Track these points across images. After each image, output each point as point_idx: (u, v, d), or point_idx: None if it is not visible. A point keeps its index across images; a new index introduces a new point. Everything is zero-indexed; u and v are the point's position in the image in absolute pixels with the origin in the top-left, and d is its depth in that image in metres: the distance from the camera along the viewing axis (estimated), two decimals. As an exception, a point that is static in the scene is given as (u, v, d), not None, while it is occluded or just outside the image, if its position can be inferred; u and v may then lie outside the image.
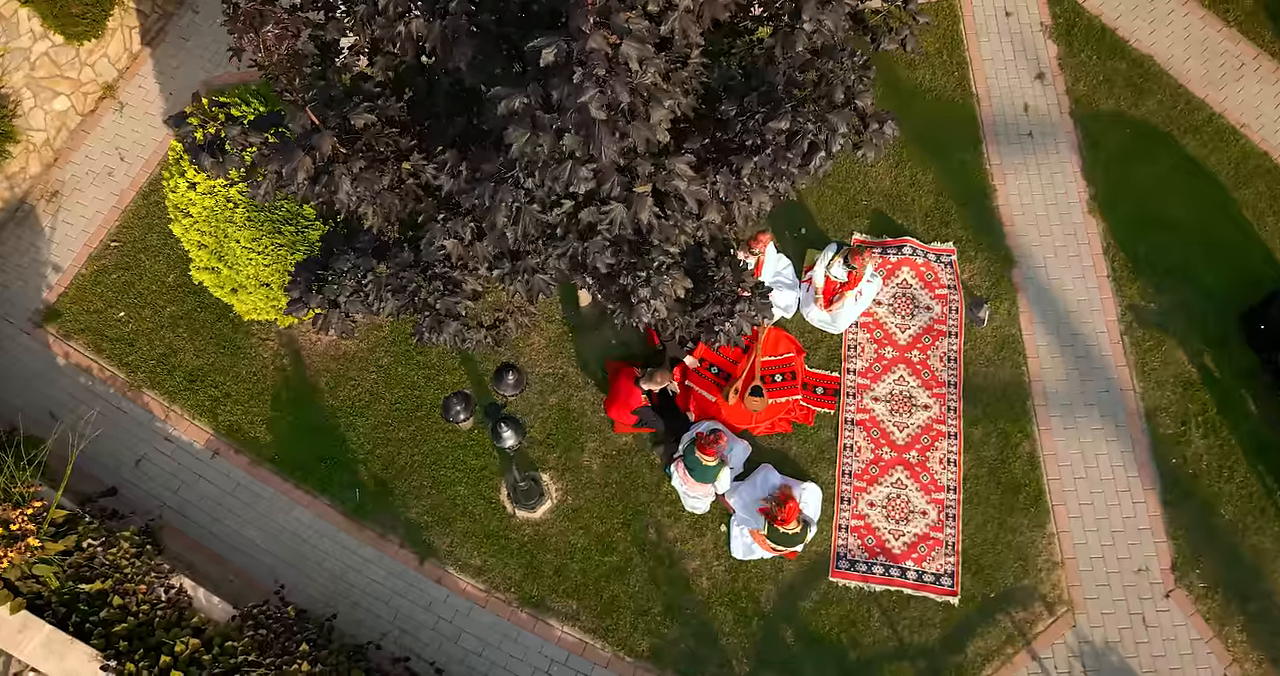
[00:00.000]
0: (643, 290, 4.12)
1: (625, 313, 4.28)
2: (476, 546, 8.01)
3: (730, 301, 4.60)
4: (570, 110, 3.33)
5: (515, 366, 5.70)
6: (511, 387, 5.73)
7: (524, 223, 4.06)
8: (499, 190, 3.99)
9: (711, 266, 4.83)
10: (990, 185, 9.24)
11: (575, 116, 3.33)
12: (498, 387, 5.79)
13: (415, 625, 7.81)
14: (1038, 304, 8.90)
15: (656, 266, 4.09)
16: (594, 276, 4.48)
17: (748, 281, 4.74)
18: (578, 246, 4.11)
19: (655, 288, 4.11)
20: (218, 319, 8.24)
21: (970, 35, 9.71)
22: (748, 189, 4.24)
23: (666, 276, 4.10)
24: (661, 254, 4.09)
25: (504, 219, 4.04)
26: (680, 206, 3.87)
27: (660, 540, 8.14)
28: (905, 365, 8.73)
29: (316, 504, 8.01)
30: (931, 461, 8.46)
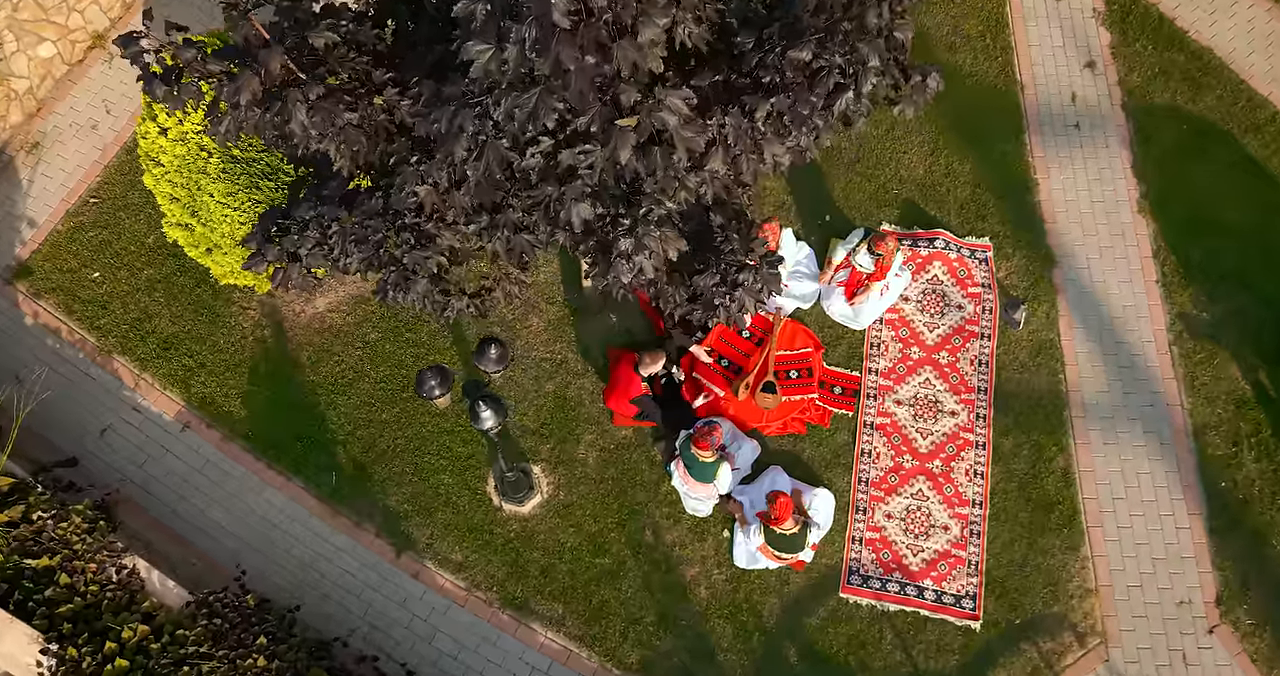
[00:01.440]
0: (624, 242, 3.51)
1: (602, 269, 3.69)
2: (458, 540, 7.43)
3: (733, 271, 3.99)
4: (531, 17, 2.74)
5: (498, 339, 5.14)
6: (494, 363, 5.16)
7: (488, 159, 3.48)
8: (458, 115, 3.42)
9: (717, 233, 4.23)
10: (1032, 178, 8.57)
11: (536, 25, 2.75)
12: (479, 362, 5.22)
13: (387, 622, 7.23)
14: (1079, 308, 8.21)
15: (644, 214, 3.49)
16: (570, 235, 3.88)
17: (758, 250, 4.13)
18: (553, 192, 3.52)
19: (639, 240, 3.50)
20: (197, 284, 7.74)
21: (1016, 19, 9.06)
22: (760, 137, 3.63)
23: (655, 230, 3.49)
24: (652, 203, 3.49)
25: (463, 151, 3.47)
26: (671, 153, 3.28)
27: (657, 543, 7.52)
28: (932, 367, 8.07)
29: (289, 486, 7.47)
30: (956, 472, 7.78)
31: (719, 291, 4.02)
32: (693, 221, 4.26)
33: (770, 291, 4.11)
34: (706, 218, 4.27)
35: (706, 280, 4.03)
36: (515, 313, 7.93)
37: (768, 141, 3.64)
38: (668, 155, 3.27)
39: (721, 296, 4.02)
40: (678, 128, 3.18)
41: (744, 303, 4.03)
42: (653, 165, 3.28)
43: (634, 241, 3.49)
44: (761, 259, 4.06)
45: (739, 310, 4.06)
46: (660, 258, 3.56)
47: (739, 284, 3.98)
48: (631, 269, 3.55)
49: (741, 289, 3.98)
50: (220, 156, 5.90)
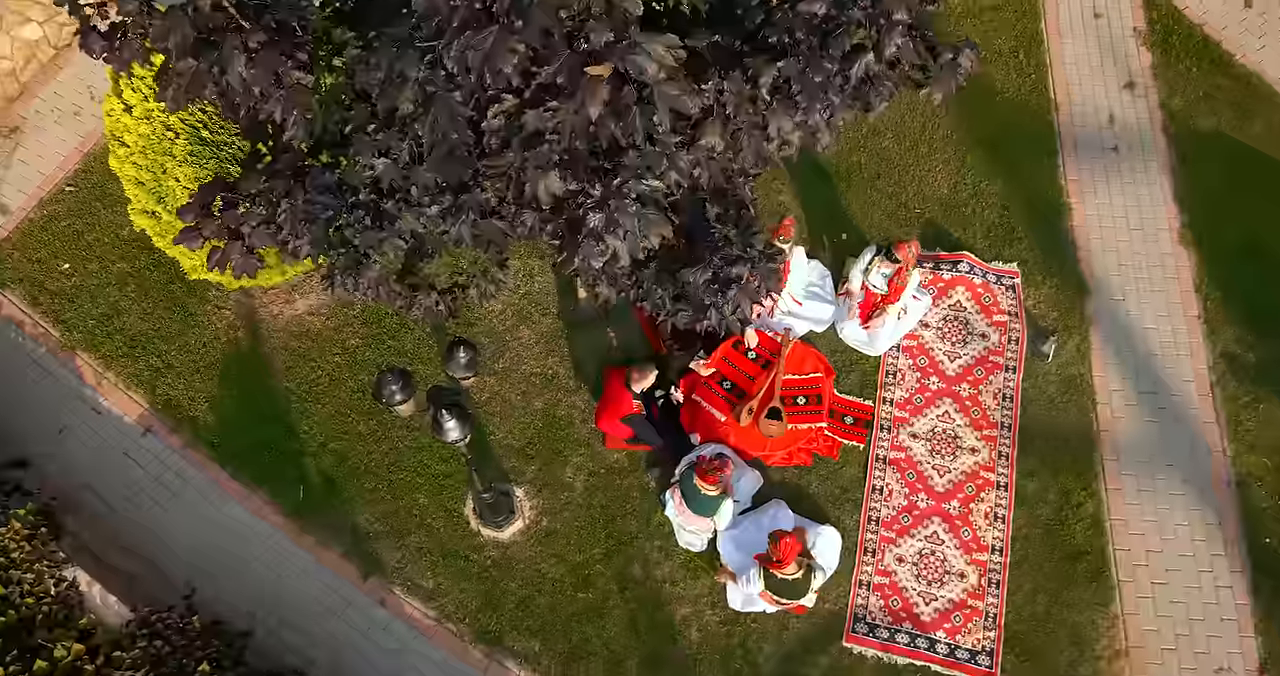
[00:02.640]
0: (593, 217, 2.99)
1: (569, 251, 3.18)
2: (431, 565, 6.86)
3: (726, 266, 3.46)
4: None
5: (469, 342, 4.64)
6: (463, 368, 4.66)
7: (438, 116, 3.00)
8: (400, 58, 2.95)
9: (714, 227, 3.72)
10: (1065, 202, 8.03)
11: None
12: (447, 367, 4.72)
13: (349, 652, 6.64)
14: (1113, 342, 7.61)
15: (618, 184, 2.97)
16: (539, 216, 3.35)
17: (757, 246, 3.60)
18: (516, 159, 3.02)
19: (612, 215, 2.98)
20: (171, 280, 7.31)
21: (1052, 35, 8.59)
22: (765, 108, 3.13)
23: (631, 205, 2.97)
24: (632, 176, 2.98)
25: (407, 104, 2.99)
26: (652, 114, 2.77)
27: (646, 578, 6.91)
28: (952, 399, 7.47)
29: (253, 499, 6.94)
30: (975, 515, 7.14)
31: (710, 290, 3.50)
32: (685, 213, 3.76)
33: (769, 290, 3.59)
34: (703, 209, 3.78)
35: (697, 276, 3.52)
36: (506, 322, 7.44)
37: (774, 113, 3.15)
38: (648, 116, 2.78)
39: (713, 295, 3.50)
40: (660, 82, 2.70)
41: (739, 304, 3.51)
42: (631, 129, 2.80)
43: (605, 217, 2.97)
44: (760, 253, 3.53)
45: (733, 312, 3.54)
46: (637, 240, 3.05)
47: (733, 281, 3.46)
48: (603, 252, 3.03)
49: (736, 287, 3.46)
50: (188, 138, 5.50)
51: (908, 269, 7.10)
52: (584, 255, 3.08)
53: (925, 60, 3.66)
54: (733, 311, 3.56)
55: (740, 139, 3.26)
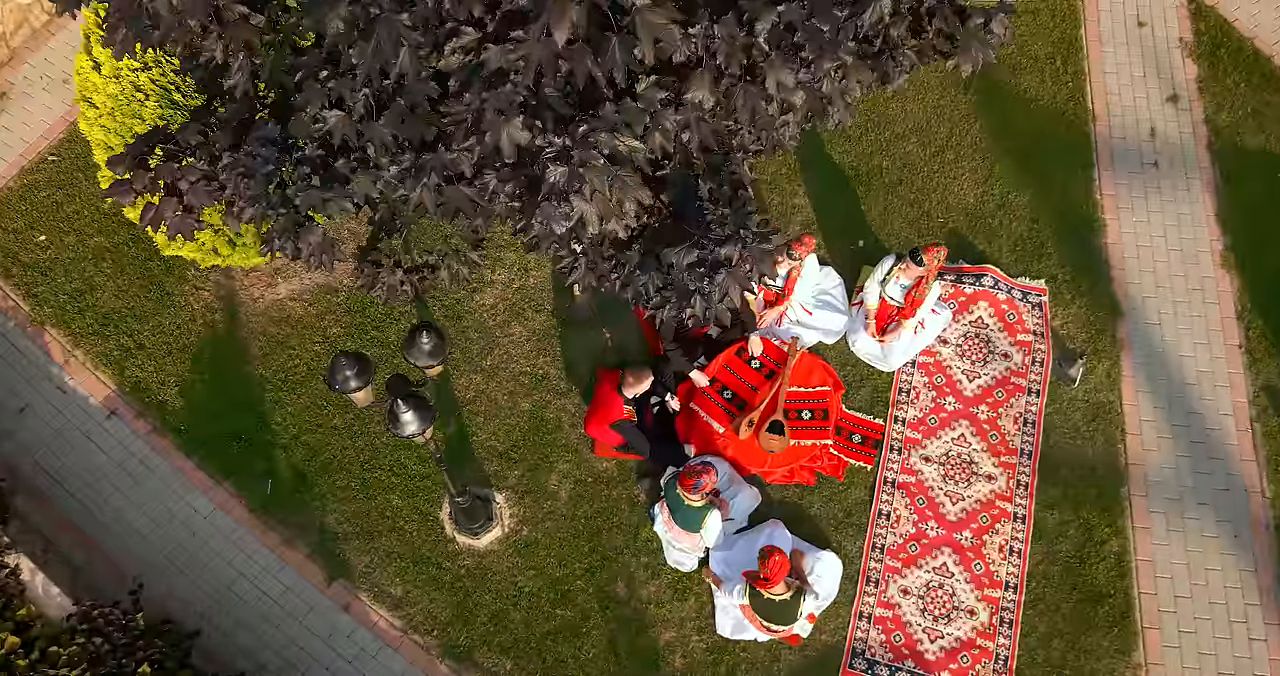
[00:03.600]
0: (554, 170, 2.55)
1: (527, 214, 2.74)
2: (400, 572, 6.43)
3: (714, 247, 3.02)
4: None
5: (434, 326, 4.22)
6: (426, 355, 4.24)
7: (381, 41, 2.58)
8: None
9: (705, 206, 3.29)
10: (1100, 218, 7.54)
11: None
12: (407, 354, 4.32)
13: (306, 659, 6.21)
14: (1146, 368, 7.08)
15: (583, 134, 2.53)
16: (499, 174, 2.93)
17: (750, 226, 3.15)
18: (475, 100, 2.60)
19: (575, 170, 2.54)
20: (149, 257, 6.98)
21: (1092, 42, 8.13)
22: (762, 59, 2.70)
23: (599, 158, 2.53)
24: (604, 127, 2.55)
25: (338, 22, 2.58)
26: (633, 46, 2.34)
27: (630, 598, 6.44)
28: (969, 422, 6.96)
29: (218, 491, 6.55)
30: (989, 547, 6.61)
31: (695, 274, 3.07)
32: (675, 188, 3.34)
33: (761, 273, 3.15)
34: (695, 186, 3.36)
35: (680, 257, 3.09)
36: (497, 317, 7.03)
37: (772, 65, 2.72)
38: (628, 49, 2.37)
39: (698, 280, 3.07)
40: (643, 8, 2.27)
41: (727, 290, 3.07)
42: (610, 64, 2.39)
43: (568, 172, 2.54)
44: (753, 233, 3.09)
45: (721, 299, 3.10)
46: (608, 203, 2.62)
47: (722, 264, 3.03)
48: (567, 215, 2.60)
49: (724, 271, 3.03)
50: (158, 100, 5.17)
51: (929, 279, 6.62)
52: (543, 218, 2.65)
53: (952, 26, 3.22)
54: (720, 299, 3.13)
55: (735, 96, 2.83)
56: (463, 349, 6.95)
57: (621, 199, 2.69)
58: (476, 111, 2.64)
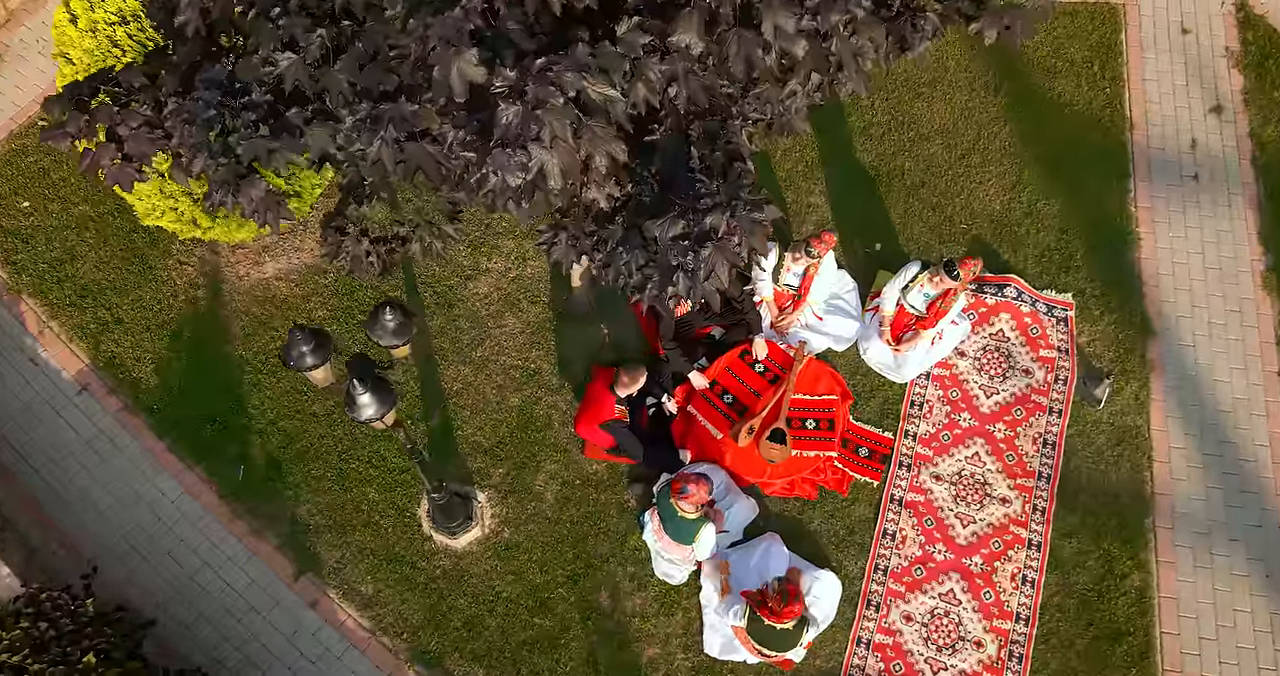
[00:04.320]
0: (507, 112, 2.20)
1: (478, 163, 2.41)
2: (372, 569, 6.09)
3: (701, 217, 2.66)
4: None
5: (399, 304, 3.90)
6: (390, 334, 3.92)
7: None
8: None
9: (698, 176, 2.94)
10: (1134, 231, 7.11)
11: None
12: (371, 332, 3.99)
13: (267, 657, 5.87)
14: (1178, 392, 6.63)
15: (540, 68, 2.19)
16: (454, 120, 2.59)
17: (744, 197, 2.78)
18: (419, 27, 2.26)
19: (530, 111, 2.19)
20: (133, 229, 6.72)
21: (1132, 48, 7.72)
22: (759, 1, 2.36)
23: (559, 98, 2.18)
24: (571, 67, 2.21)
25: None
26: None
27: (614, 609, 6.06)
28: (985, 440, 6.54)
29: (188, 475, 6.25)
30: (1000, 575, 6.17)
31: (679, 248, 2.72)
32: (665, 156, 3.00)
33: (753, 250, 2.79)
34: (687, 154, 3.01)
35: (664, 229, 2.75)
36: (490, 307, 6.70)
37: (769, 6, 2.37)
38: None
39: (682, 254, 2.72)
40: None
41: (714, 267, 2.72)
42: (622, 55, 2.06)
43: (522, 112, 2.20)
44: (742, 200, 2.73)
45: (707, 278, 2.76)
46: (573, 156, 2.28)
47: (708, 236, 2.68)
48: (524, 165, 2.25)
49: (712, 245, 2.68)
50: (135, 56, 4.91)
51: (958, 292, 6.22)
52: (496, 168, 2.31)
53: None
54: (706, 276, 2.77)
55: (727, 43, 2.49)
56: (452, 339, 6.63)
57: (592, 154, 2.35)
58: (421, 39, 2.31)
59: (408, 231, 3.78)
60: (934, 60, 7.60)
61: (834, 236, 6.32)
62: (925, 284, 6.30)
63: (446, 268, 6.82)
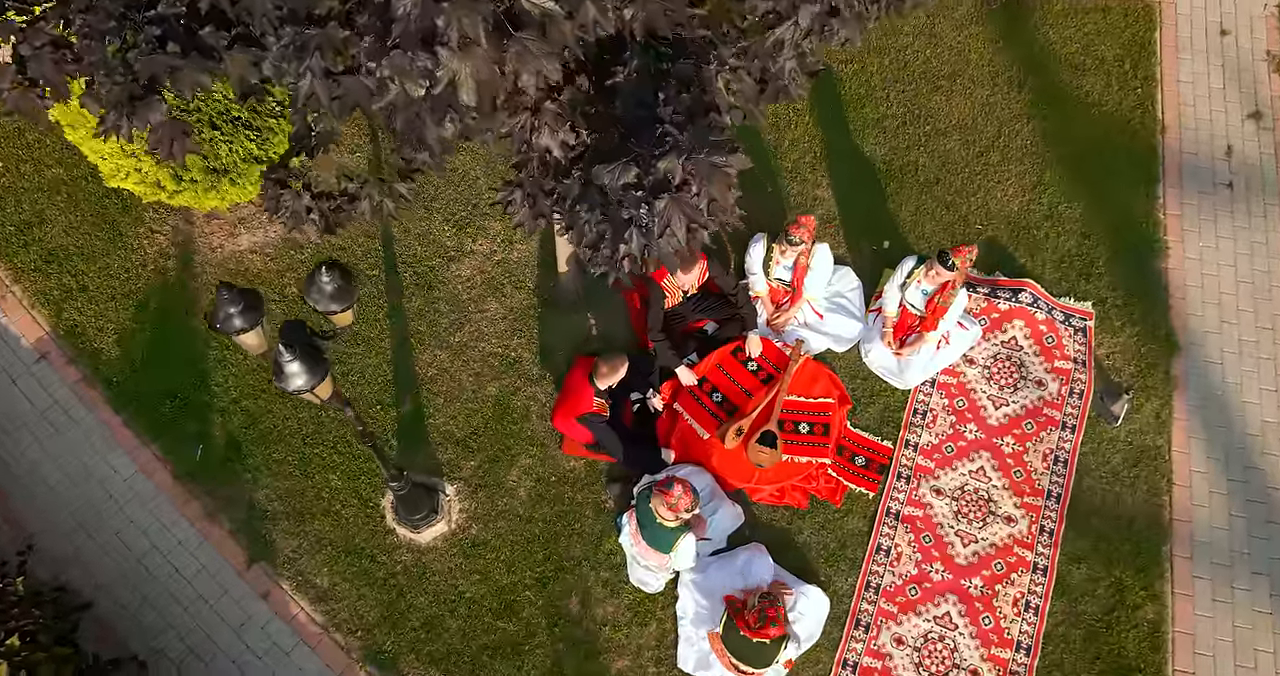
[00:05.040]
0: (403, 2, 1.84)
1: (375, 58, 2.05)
2: (330, 561, 5.74)
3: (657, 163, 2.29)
4: None
5: (339, 265, 3.57)
6: (329, 298, 3.58)
7: None
8: None
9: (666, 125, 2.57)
10: (1161, 239, 6.68)
11: None
12: (308, 295, 3.66)
13: (211, 649, 5.53)
14: (1202, 412, 6.18)
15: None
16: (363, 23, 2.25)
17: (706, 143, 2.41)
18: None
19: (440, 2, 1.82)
20: (106, 193, 6.45)
21: (1167, 48, 7.30)
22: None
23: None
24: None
25: None
26: None
27: (584, 616, 5.67)
28: (991, 454, 6.11)
29: (143, 452, 5.94)
30: (1001, 599, 5.73)
31: (632, 198, 2.36)
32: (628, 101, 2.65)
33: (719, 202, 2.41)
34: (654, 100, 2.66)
35: (615, 176, 2.38)
36: (472, 291, 6.37)
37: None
38: None
39: (635, 206, 2.36)
40: None
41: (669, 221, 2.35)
42: None
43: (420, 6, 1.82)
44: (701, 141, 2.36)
45: (662, 234, 2.39)
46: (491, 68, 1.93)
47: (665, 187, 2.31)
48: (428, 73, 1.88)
49: (668, 196, 2.31)
50: None
51: (955, 286, 5.81)
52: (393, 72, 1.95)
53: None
54: (661, 232, 2.40)
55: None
56: (430, 322, 6.29)
57: (519, 71, 2.00)
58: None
59: (356, 188, 3.45)
60: (955, 52, 7.22)
61: (813, 219, 5.87)
62: (922, 279, 5.89)
63: (428, 248, 6.51)
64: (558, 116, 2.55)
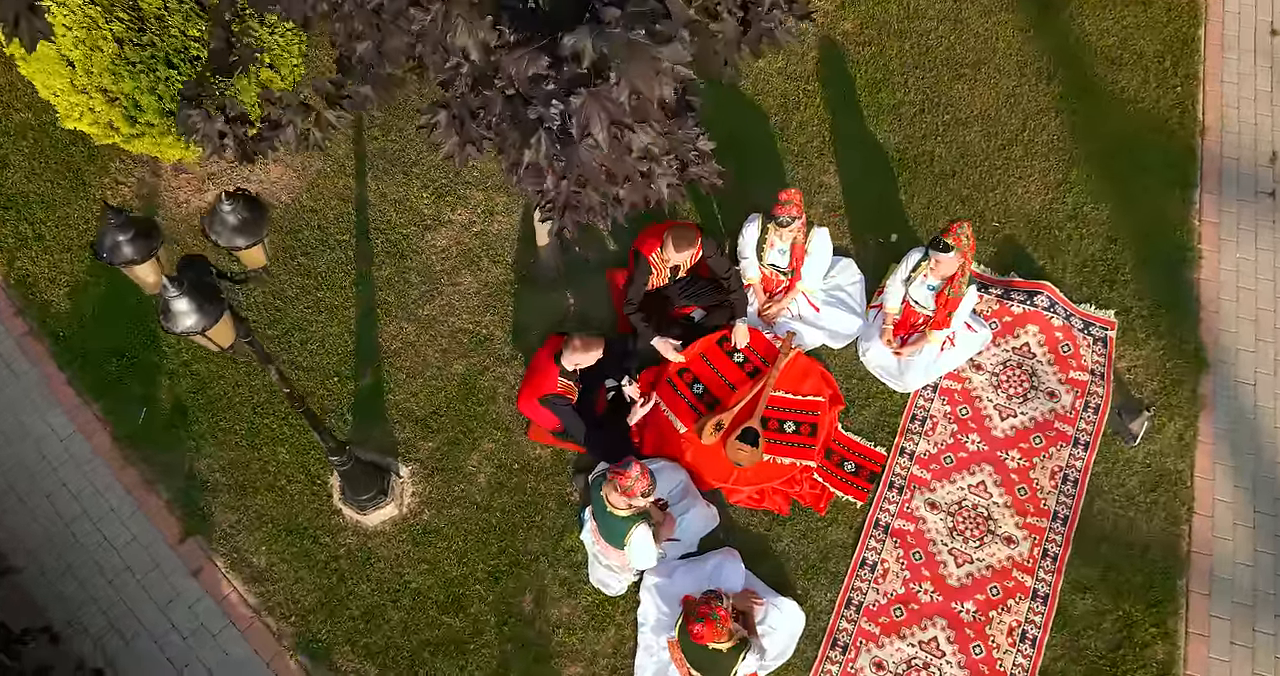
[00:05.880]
0: None
1: None
2: (269, 539, 5.34)
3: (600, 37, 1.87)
4: None
5: (247, 194, 3.19)
6: (231, 231, 3.20)
7: None
8: None
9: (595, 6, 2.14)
10: (1195, 248, 6.15)
11: None
12: (208, 226, 3.28)
13: (134, 625, 5.14)
14: (1230, 437, 5.64)
15: None
16: None
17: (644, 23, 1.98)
18: None
19: None
20: (72, 141, 6.16)
21: (1211, 46, 6.79)
22: None
23: None
24: None
25: None
26: None
27: (537, 616, 5.23)
28: (994, 469, 5.60)
29: (83, 412, 5.59)
30: (995, 628, 5.21)
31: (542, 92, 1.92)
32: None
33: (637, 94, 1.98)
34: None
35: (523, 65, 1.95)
36: (446, 262, 5.98)
37: None
38: None
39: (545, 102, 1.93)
40: None
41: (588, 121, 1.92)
42: None
43: None
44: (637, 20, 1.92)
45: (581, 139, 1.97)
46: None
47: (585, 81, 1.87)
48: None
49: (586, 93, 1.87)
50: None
51: (963, 274, 5.30)
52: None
53: None
54: (580, 136, 1.98)
55: None
56: (399, 292, 5.92)
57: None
58: None
59: (279, 113, 3.08)
60: (981, 40, 6.76)
61: (797, 192, 5.33)
62: (928, 274, 5.41)
63: (404, 214, 6.14)
64: (473, 7, 2.16)
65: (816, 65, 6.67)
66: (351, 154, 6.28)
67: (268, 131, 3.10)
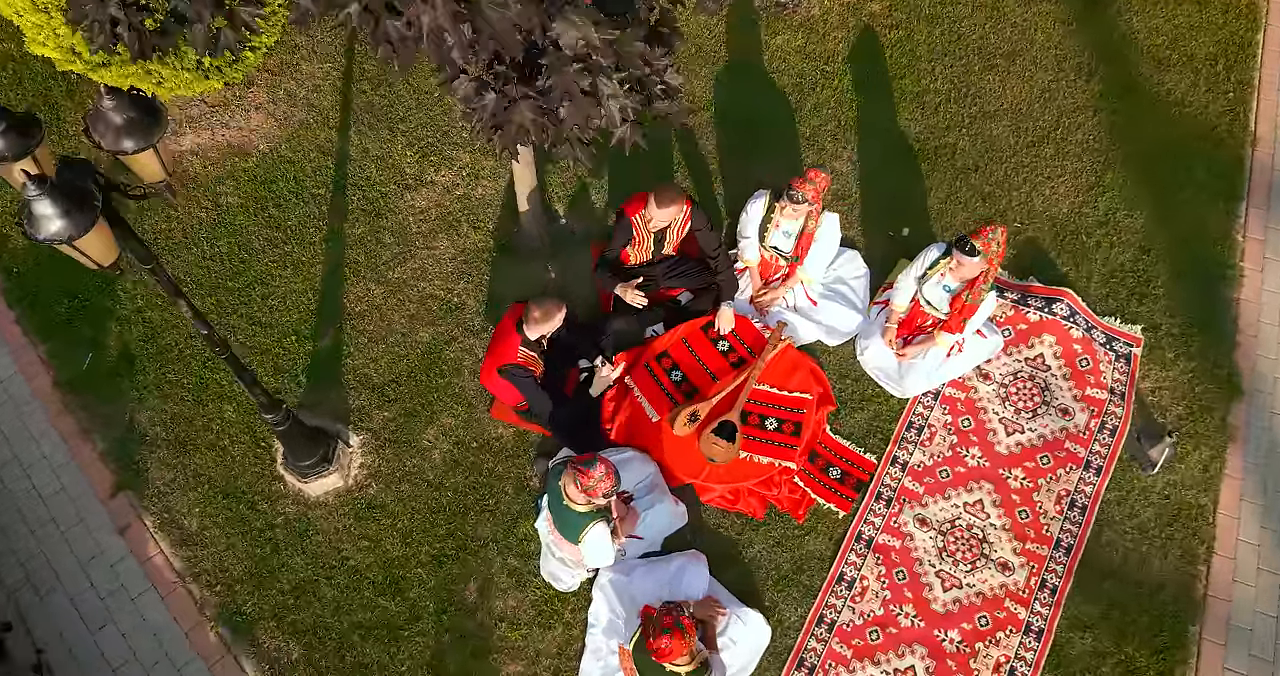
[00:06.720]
0: None
1: None
2: (203, 500, 5.00)
3: None
4: None
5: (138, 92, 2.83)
6: (116, 133, 2.83)
7: None
8: None
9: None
10: (1237, 265, 5.63)
11: None
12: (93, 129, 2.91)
13: (51, 581, 4.82)
14: (1260, 472, 5.09)
15: None
16: None
17: None
18: None
19: None
20: (52, 75, 5.92)
21: (1270, 52, 6.28)
22: None
23: None
24: None
25: None
26: None
27: (480, 608, 4.82)
28: (995, 487, 5.10)
29: (27, 352, 5.31)
30: (981, 661, 4.70)
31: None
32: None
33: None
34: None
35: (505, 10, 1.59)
36: (424, 224, 5.63)
37: None
38: None
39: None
40: None
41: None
42: None
43: None
44: None
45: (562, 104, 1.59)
46: None
47: None
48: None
49: None
50: None
51: (986, 280, 4.83)
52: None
53: None
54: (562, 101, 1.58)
55: None
56: (370, 252, 5.58)
57: None
58: None
59: (186, 6, 2.74)
60: (1018, 30, 6.31)
61: (826, 176, 4.92)
62: (946, 274, 4.93)
63: (385, 172, 5.81)
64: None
65: (838, 45, 6.25)
66: (337, 106, 5.98)
67: (171, 25, 2.76)
